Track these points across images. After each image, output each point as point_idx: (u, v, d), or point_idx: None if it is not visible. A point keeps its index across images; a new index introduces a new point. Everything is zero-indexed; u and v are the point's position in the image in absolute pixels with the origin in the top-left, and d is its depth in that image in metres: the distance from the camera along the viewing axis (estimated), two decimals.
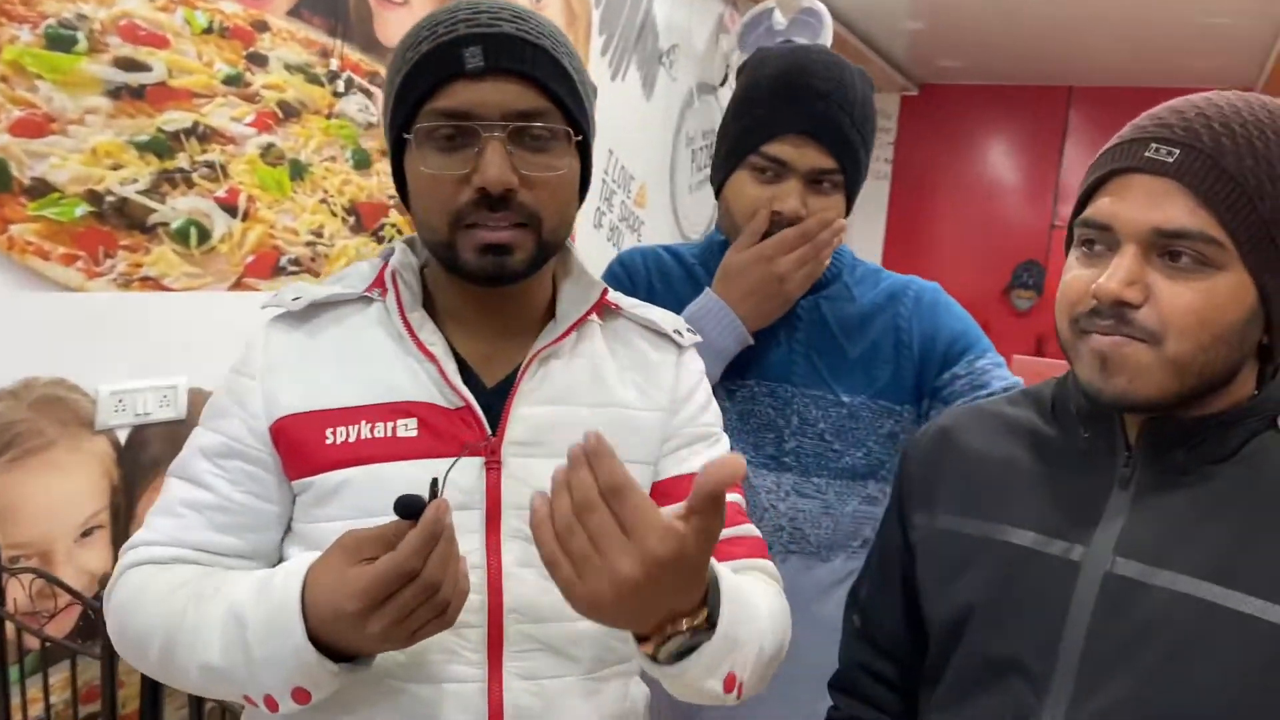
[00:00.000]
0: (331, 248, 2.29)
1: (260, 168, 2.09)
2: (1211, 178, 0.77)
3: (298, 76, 2.16)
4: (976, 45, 5.48)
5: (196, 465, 0.93)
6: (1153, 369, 0.80)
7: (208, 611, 0.85)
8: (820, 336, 1.36)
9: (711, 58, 3.94)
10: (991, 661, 0.89)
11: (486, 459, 0.92)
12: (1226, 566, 0.79)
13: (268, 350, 0.94)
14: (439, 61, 0.87)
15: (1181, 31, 4.68)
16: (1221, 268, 0.78)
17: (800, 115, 1.25)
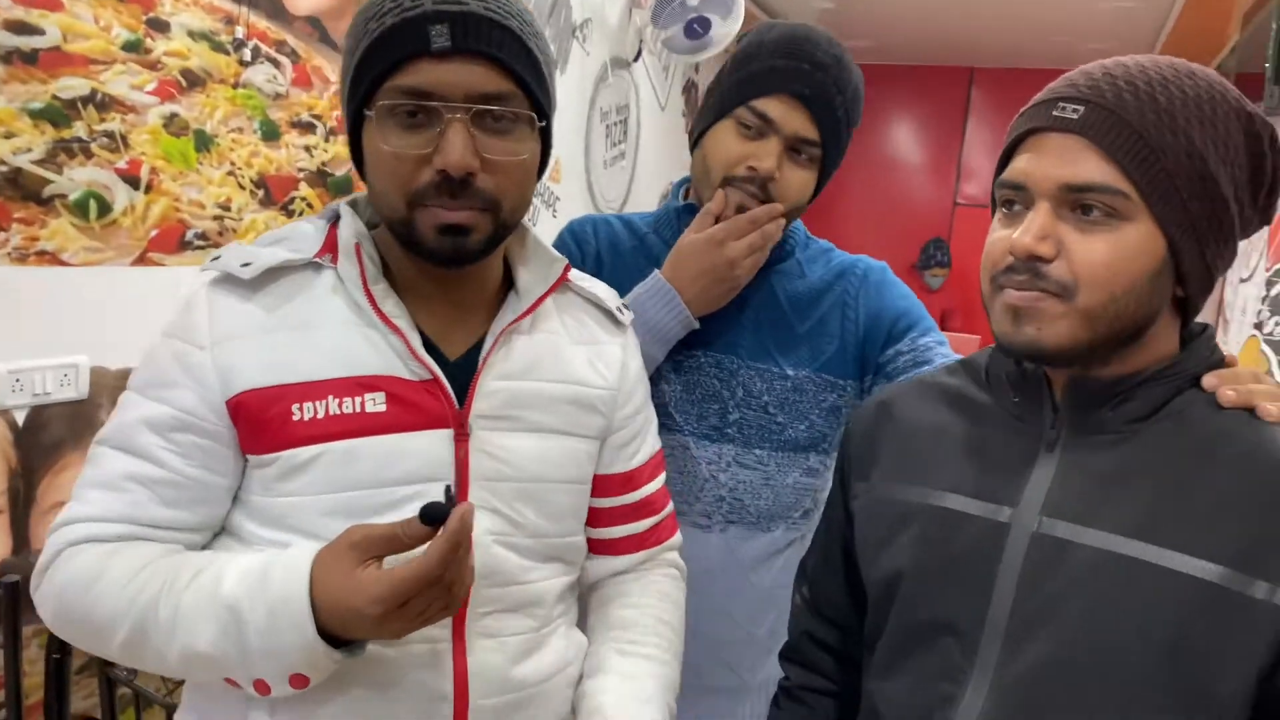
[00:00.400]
0: (240, 222, 2.22)
1: (163, 138, 2.01)
2: (1115, 132, 0.80)
3: (202, 44, 2.08)
4: (883, 26, 5.58)
5: (142, 438, 0.90)
6: (1063, 319, 0.82)
7: (190, 600, 0.84)
8: (769, 311, 1.38)
9: (625, 33, 3.92)
10: (923, 624, 0.91)
11: (456, 431, 0.93)
12: (1149, 523, 0.81)
13: (216, 318, 0.91)
14: (403, 38, 0.85)
15: (1079, 15, 4.84)
16: (1129, 219, 0.81)
17: (798, 78, 1.26)
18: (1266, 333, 2.83)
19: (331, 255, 0.94)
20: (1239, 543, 0.78)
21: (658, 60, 4.37)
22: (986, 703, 0.85)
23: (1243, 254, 3.42)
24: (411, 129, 0.86)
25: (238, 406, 0.89)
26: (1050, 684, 0.82)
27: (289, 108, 2.34)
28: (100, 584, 0.86)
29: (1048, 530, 0.85)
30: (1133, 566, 0.80)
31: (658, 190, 4.65)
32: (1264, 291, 2.87)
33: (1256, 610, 0.76)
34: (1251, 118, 0.83)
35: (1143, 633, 0.79)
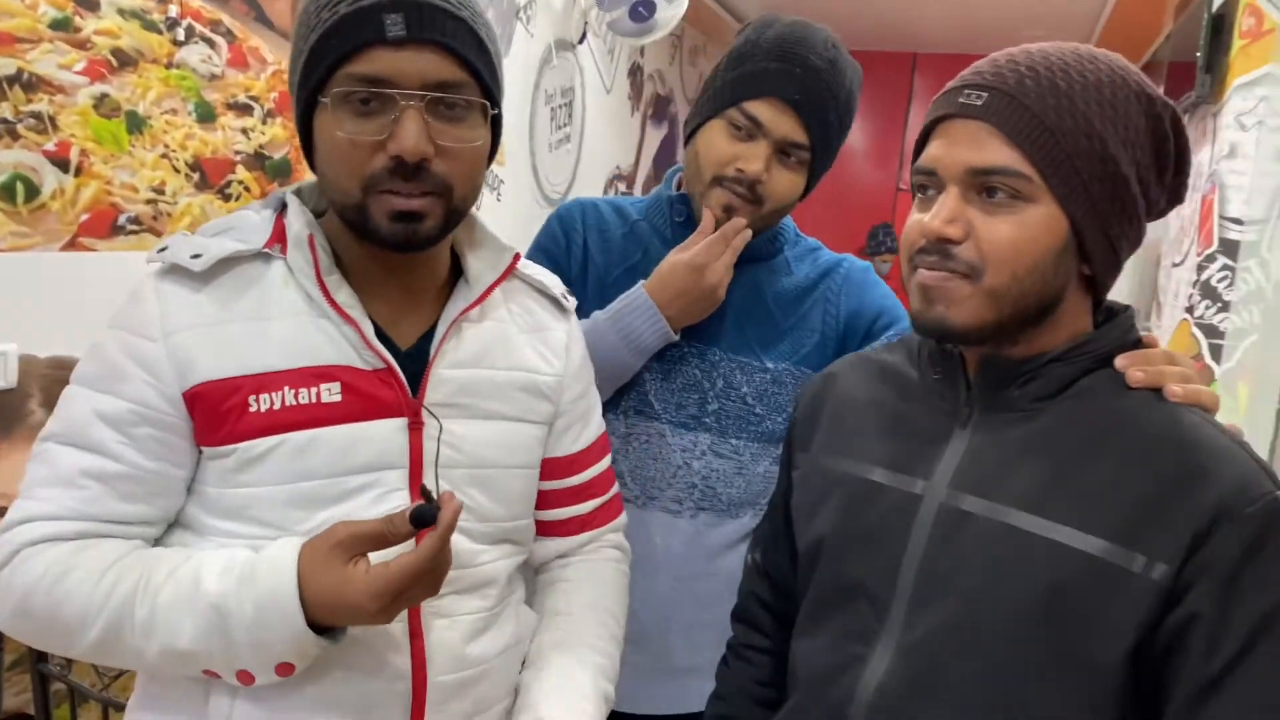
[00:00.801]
0: (175, 205, 2.17)
1: (94, 119, 1.95)
2: (1016, 117, 0.83)
3: (133, 23, 2.02)
4: (826, 11, 5.60)
5: (96, 432, 0.89)
6: (971, 299, 0.85)
7: (168, 599, 0.85)
8: (753, 306, 1.39)
9: (569, 14, 3.90)
10: (841, 587, 0.96)
11: (410, 419, 0.95)
12: (1042, 497, 0.85)
13: (168, 310, 0.91)
14: (358, 26, 0.86)
15: (1020, 2, 4.90)
16: (1032, 200, 0.84)
17: (789, 82, 1.26)
18: (1197, 316, 2.90)
19: (281, 245, 0.94)
20: (1123, 519, 0.81)
21: (603, 43, 4.35)
22: (891, 663, 0.89)
23: (1175, 240, 3.51)
24: (366, 116, 0.87)
25: (194, 398, 0.90)
26: (945, 646, 0.87)
27: (225, 89, 2.28)
28: (67, 584, 0.86)
29: (953, 502, 0.89)
30: (1023, 538, 0.84)
31: (604, 173, 4.63)
32: (1195, 276, 2.94)
33: (1133, 582, 0.79)
34: (1152, 100, 0.86)
35: (1028, 600, 0.83)
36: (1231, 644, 0.77)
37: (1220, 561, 0.78)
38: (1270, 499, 0.79)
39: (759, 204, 1.30)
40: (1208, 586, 0.78)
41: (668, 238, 1.41)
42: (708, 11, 5.30)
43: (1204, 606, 0.78)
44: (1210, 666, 0.77)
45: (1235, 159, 2.83)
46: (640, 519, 1.38)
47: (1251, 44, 2.78)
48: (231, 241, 0.93)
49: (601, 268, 1.42)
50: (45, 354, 1.92)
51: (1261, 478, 0.81)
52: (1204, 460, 0.81)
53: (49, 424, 0.93)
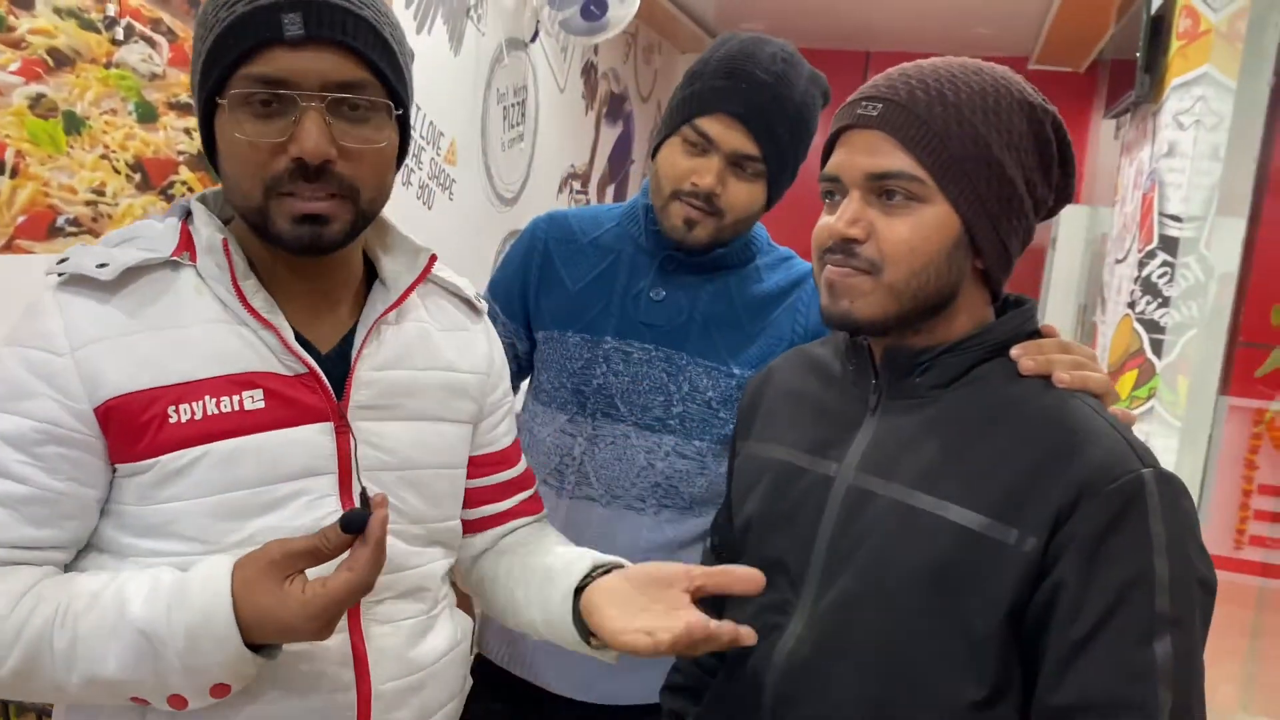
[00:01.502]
0: (116, 207, 2.14)
1: (29, 120, 1.92)
2: (907, 124, 0.91)
3: (70, 21, 1.99)
4: (778, 9, 5.63)
5: (2, 456, 0.85)
6: (872, 294, 0.93)
7: (90, 627, 0.81)
8: (721, 311, 1.42)
9: (521, 13, 3.89)
10: (765, 563, 1.01)
11: (335, 424, 0.93)
12: (932, 477, 0.93)
13: (72, 323, 0.87)
14: (255, 25, 0.83)
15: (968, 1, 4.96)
16: (926, 201, 0.91)
17: (734, 98, 1.30)
18: (1139, 312, 2.96)
19: (190, 253, 0.92)
20: (1002, 496, 0.88)
21: (555, 42, 4.34)
22: (804, 631, 0.98)
23: (1118, 236, 3.57)
24: (265, 117, 0.86)
25: (108, 413, 0.86)
26: (848, 614, 0.95)
27: (167, 88, 2.25)
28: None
29: (859, 483, 0.97)
30: (914, 514, 0.92)
31: (559, 172, 4.63)
32: (1136, 272, 3.00)
33: (1008, 553, 0.87)
34: (1033, 107, 0.94)
35: (917, 570, 0.91)
36: (1092, 611, 0.84)
37: (1083, 536, 0.85)
38: (1132, 477, 0.85)
39: (719, 216, 1.34)
40: (1072, 559, 0.85)
41: (642, 244, 1.44)
42: (661, 10, 5.31)
43: (1069, 577, 0.85)
44: (1075, 631, 0.85)
45: (1174, 157, 2.89)
46: (605, 517, 1.41)
47: (1189, 45, 2.84)
48: (137, 250, 0.90)
49: (566, 279, 1.44)
50: None
51: (1129, 457, 0.86)
52: (1075, 440, 0.88)
53: None
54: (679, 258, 1.40)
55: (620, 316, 1.41)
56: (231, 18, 0.85)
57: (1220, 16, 2.78)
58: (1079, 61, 5.91)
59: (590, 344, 1.41)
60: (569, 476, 1.41)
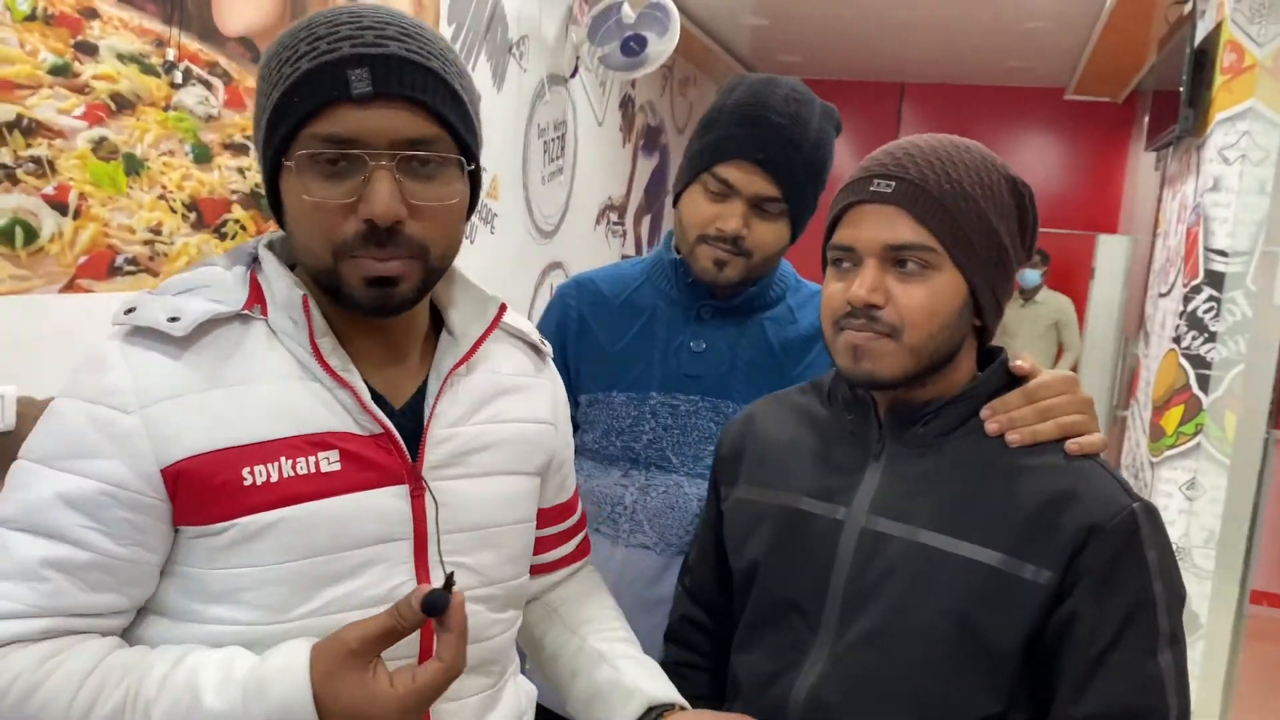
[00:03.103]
0: (171, 246, 2.19)
1: (92, 163, 1.97)
2: (921, 200, 0.99)
3: (131, 66, 2.05)
4: (815, 42, 5.67)
5: (59, 517, 0.79)
6: (893, 355, 1.00)
7: (163, 715, 0.78)
8: (762, 356, 1.43)
9: (562, 49, 3.94)
10: (776, 604, 1.08)
11: (411, 486, 0.89)
12: (947, 519, 1.01)
13: (141, 379, 0.82)
14: (321, 83, 0.80)
15: (1004, 35, 4.97)
16: (938, 269, 1.00)
17: (752, 144, 1.32)
18: (1184, 347, 2.94)
19: (260, 306, 0.88)
20: (1013, 535, 0.98)
21: (595, 76, 4.40)
22: (824, 666, 1.03)
23: (1161, 270, 3.55)
24: (333, 178, 0.82)
25: (178, 475, 0.81)
26: (873, 649, 1.01)
27: (221, 129, 2.31)
28: (40, 697, 0.78)
29: (872, 526, 1.04)
30: (934, 554, 1.00)
31: (596, 204, 4.66)
32: (1181, 307, 2.98)
33: (1024, 587, 0.96)
34: (1014, 181, 1.04)
35: (941, 605, 0.98)
36: (1108, 630, 0.95)
37: (1093, 567, 0.96)
38: (1126, 512, 0.97)
39: (747, 256, 1.35)
40: (1085, 589, 0.96)
41: (674, 298, 1.45)
42: (697, 44, 5.36)
43: (1083, 605, 0.96)
44: (1092, 650, 0.95)
45: (1219, 192, 2.87)
46: (659, 564, 1.42)
47: (1233, 79, 2.83)
48: (208, 302, 0.85)
49: (605, 341, 1.45)
50: (43, 395, 1.93)
51: (1120, 493, 0.98)
52: (1070, 482, 0.99)
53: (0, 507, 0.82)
54: (714, 306, 1.42)
55: (663, 371, 1.42)
56: (296, 74, 0.81)
57: (1265, 51, 2.77)
58: (1117, 92, 5.90)
59: (636, 401, 1.43)
60: (622, 525, 1.42)
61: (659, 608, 1.35)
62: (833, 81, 6.63)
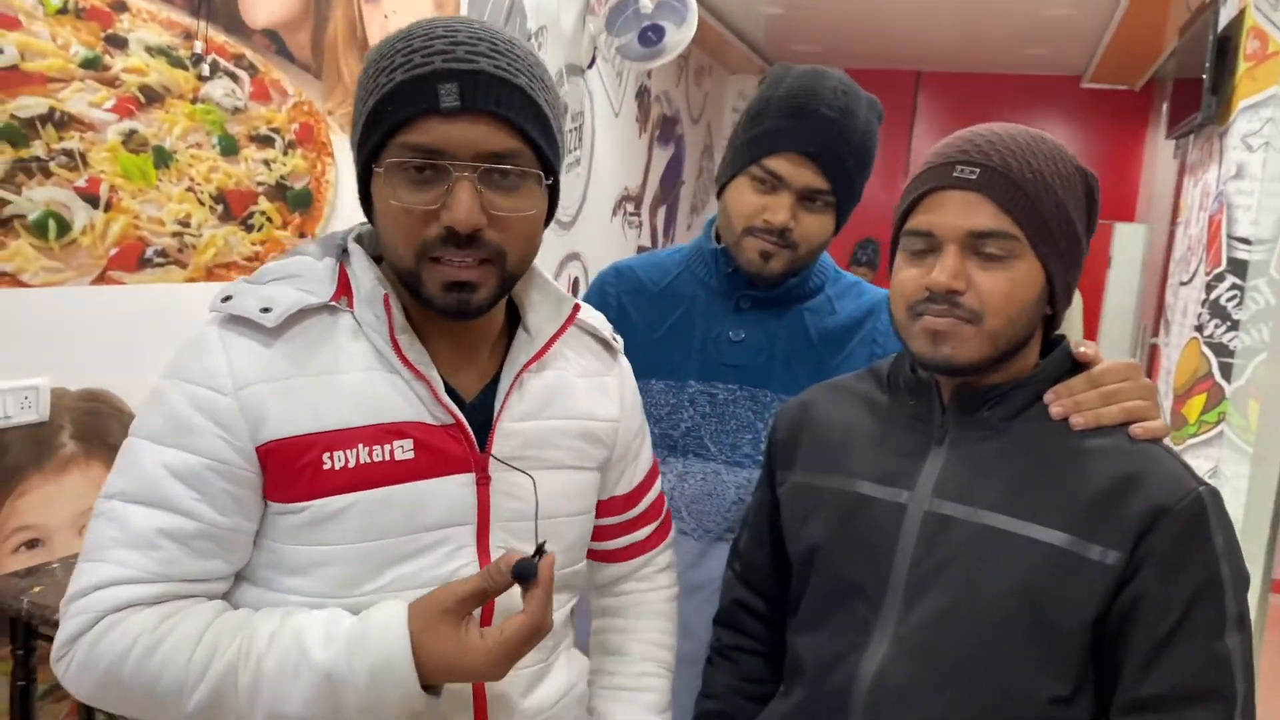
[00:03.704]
0: (199, 237, 2.20)
1: (122, 155, 1.99)
2: (1005, 187, 1.00)
3: (160, 59, 2.06)
4: (831, 31, 5.65)
5: (170, 489, 0.86)
6: (973, 340, 1.01)
7: (274, 666, 0.85)
8: (801, 346, 1.43)
9: (579, 40, 3.94)
10: (837, 587, 1.09)
11: (478, 475, 0.95)
12: (1012, 501, 1.01)
13: (237, 363, 0.88)
14: (413, 95, 0.85)
15: (1023, 22, 4.94)
16: (1019, 257, 1.00)
17: (802, 137, 1.32)
18: (1207, 335, 2.93)
19: (347, 299, 0.93)
20: (1078, 516, 0.99)
21: (611, 67, 4.40)
22: (888, 649, 1.04)
23: (1183, 258, 3.54)
24: (420, 184, 0.87)
25: (267, 454, 0.88)
26: (939, 631, 1.02)
27: (247, 121, 2.32)
28: (160, 653, 0.84)
29: (936, 509, 1.05)
30: (1000, 536, 1.01)
31: (613, 194, 4.67)
32: (1203, 295, 2.97)
33: (1091, 567, 0.97)
34: (1085, 173, 1.06)
35: (1008, 586, 0.99)
36: (1175, 611, 0.96)
37: (1161, 549, 0.96)
38: (1194, 494, 0.97)
39: (793, 248, 1.35)
40: (1152, 570, 0.96)
41: (714, 287, 1.46)
42: (713, 33, 5.35)
43: (1150, 585, 0.96)
44: (1159, 630, 0.96)
45: (1242, 179, 2.86)
46: (697, 549, 1.43)
47: (1256, 66, 2.81)
48: (298, 293, 0.91)
49: (643, 328, 1.46)
50: (76, 387, 1.95)
51: (1187, 476, 0.99)
52: (1137, 465, 1.00)
53: (112, 480, 0.89)
54: (753, 296, 1.42)
55: (702, 360, 1.43)
56: (390, 85, 0.86)
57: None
58: (1134, 80, 5.87)
59: (675, 389, 1.43)
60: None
61: (696, 593, 1.37)
62: (849, 70, 6.58)
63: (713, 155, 6.64)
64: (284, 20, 2.41)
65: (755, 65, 6.45)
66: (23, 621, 1.74)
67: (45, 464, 1.91)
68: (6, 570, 1.85)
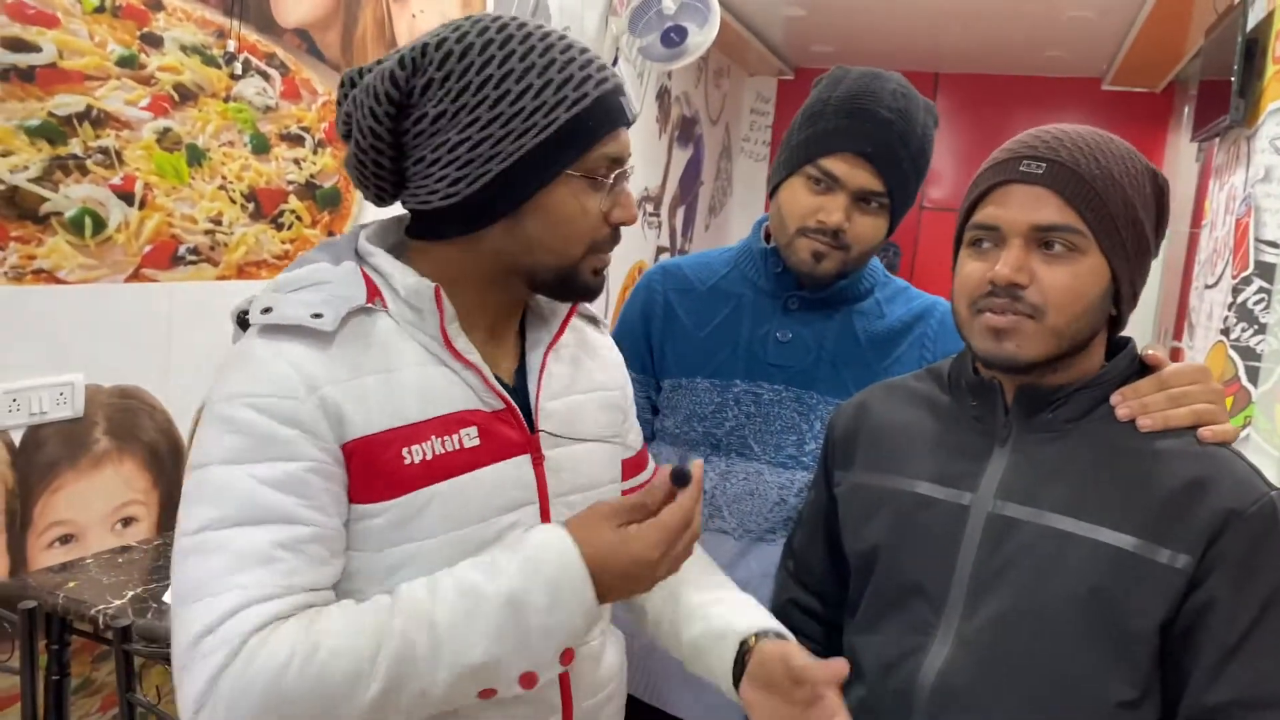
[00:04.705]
0: (231, 235, 2.21)
1: (157, 153, 2.00)
2: (1073, 183, 1.00)
3: (194, 58, 2.07)
4: (850, 32, 5.64)
5: (273, 501, 0.83)
6: (1036, 336, 1.00)
7: (447, 617, 0.85)
8: (849, 349, 1.43)
9: (602, 40, 3.94)
10: (899, 588, 1.09)
11: (533, 455, 0.98)
12: (1078, 503, 1.01)
13: (301, 368, 0.87)
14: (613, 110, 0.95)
15: (1045, 24, 4.93)
16: (1084, 253, 1.00)
17: (860, 138, 1.32)
18: (1233, 339, 2.91)
19: (380, 299, 0.94)
20: (1147, 519, 0.98)
21: (632, 68, 4.40)
22: (951, 650, 1.03)
23: (1208, 261, 3.52)
24: (599, 190, 0.95)
25: (351, 453, 0.88)
26: (1003, 633, 1.01)
27: (278, 120, 2.33)
28: (323, 653, 0.81)
29: (1000, 510, 1.04)
30: (1066, 538, 1.00)
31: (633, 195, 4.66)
32: (1230, 298, 2.95)
33: (1160, 570, 0.96)
34: (1155, 174, 1.05)
35: (1074, 589, 0.98)
36: (1246, 617, 0.94)
37: (1232, 553, 0.95)
38: (1266, 499, 0.96)
39: (846, 250, 1.35)
40: (1222, 574, 0.95)
41: (762, 287, 1.46)
42: (732, 34, 5.35)
43: (1221, 590, 0.95)
44: (1230, 635, 0.95)
45: (1270, 183, 2.84)
46: (738, 549, 1.43)
47: None
48: (334, 297, 0.91)
49: (690, 327, 1.46)
50: (109, 383, 1.96)
51: (1257, 481, 0.99)
52: (1206, 468, 0.99)
53: (193, 515, 0.84)
54: (802, 296, 1.42)
55: (748, 359, 1.43)
56: (586, 100, 0.92)
57: None
58: (1155, 82, 5.84)
59: (720, 388, 1.43)
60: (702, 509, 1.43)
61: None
62: None
63: (731, 156, 6.63)
64: (315, 20, 2.42)
65: (774, 67, 6.44)
66: (58, 616, 1.75)
67: (80, 460, 1.92)
68: (41, 565, 1.86)
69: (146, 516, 2.07)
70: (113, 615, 1.66)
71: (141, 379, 2.03)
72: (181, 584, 0.83)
